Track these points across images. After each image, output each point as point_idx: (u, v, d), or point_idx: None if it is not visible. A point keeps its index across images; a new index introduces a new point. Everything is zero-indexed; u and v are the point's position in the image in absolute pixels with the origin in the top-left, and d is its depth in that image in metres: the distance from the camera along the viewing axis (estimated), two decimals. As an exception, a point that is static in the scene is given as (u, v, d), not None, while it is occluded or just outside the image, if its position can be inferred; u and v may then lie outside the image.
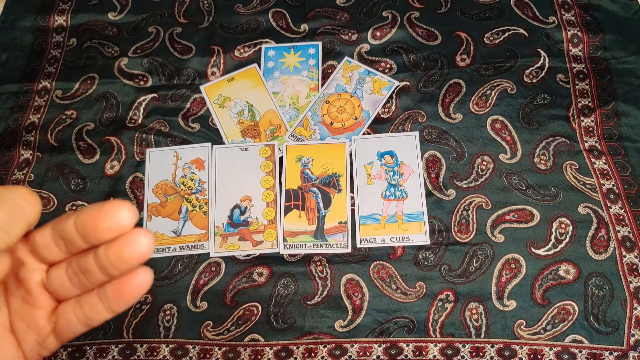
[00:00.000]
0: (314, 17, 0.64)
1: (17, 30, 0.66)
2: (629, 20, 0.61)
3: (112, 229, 0.22)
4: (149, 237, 0.22)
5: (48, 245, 0.23)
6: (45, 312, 0.24)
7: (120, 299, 0.23)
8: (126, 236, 0.22)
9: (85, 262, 0.23)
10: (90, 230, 0.22)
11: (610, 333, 0.46)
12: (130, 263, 0.22)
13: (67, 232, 0.22)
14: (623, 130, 0.55)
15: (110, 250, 0.22)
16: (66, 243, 0.23)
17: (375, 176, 0.54)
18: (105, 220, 0.21)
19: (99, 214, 0.21)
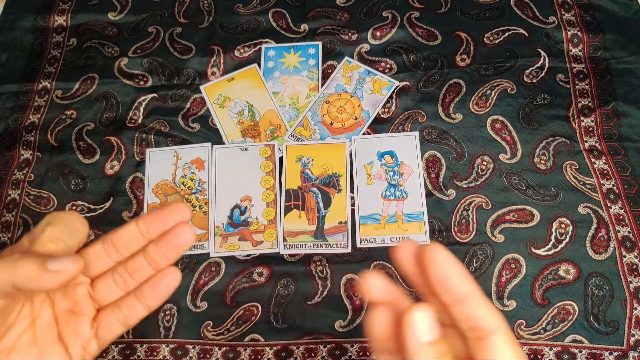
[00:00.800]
0: (314, 17, 0.64)
1: (17, 30, 0.66)
2: (629, 20, 0.61)
3: (177, 220, 0.27)
4: (191, 229, 0.28)
5: (100, 256, 0.28)
6: (89, 318, 0.28)
7: (157, 294, 0.28)
8: (176, 228, 0.27)
9: (134, 262, 0.28)
10: (158, 224, 0.27)
11: (610, 333, 0.46)
12: (180, 250, 0.28)
13: (125, 236, 0.28)
14: (623, 130, 0.55)
15: (162, 243, 0.27)
16: (119, 249, 0.28)
17: (375, 176, 0.54)
18: (173, 215, 0.27)
19: (169, 211, 0.27)
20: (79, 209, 0.54)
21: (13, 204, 0.55)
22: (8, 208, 0.55)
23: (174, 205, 0.28)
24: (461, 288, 0.23)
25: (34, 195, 0.55)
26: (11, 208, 0.55)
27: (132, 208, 0.54)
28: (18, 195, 0.55)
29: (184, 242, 0.28)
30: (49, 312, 0.27)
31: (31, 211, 0.54)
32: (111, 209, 0.54)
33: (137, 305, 0.28)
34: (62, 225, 0.26)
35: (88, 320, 0.28)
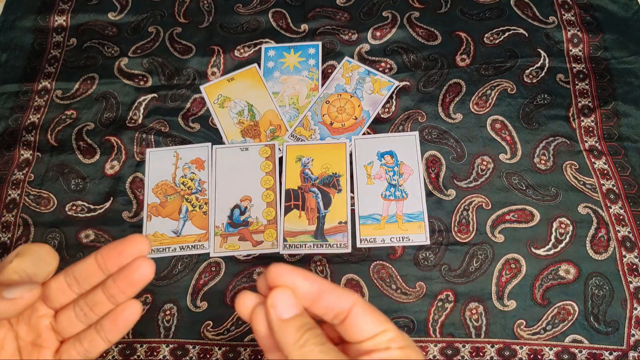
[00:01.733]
0: (314, 17, 0.64)
1: (17, 30, 0.66)
2: (629, 20, 0.61)
3: (134, 255, 0.27)
4: (149, 263, 0.27)
5: (62, 289, 0.28)
6: (52, 351, 0.28)
7: (116, 329, 0.28)
8: (133, 263, 0.27)
9: (93, 296, 0.28)
10: (114, 259, 0.27)
11: (610, 333, 0.46)
12: (137, 286, 0.28)
13: (85, 270, 0.28)
14: (623, 130, 0.55)
15: (119, 278, 0.27)
16: (80, 282, 0.28)
17: (375, 176, 0.54)
18: (130, 249, 0.27)
19: (125, 244, 0.27)
20: (79, 209, 0.54)
21: (13, 204, 0.55)
22: (8, 208, 0.55)
23: (131, 238, 0.27)
24: (310, 288, 0.25)
25: (34, 195, 0.55)
26: (11, 208, 0.55)
27: (132, 208, 0.54)
28: (18, 195, 0.55)
29: (140, 278, 0.27)
30: (13, 344, 0.27)
31: (31, 211, 0.54)
32: (111, 209, 0.54)
33: (97, 338, 0.28)
34: (30, 257, 0.27)
35: (50, 353, 0.28)
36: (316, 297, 0.25)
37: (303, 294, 0.25)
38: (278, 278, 0.25)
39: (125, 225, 0.53)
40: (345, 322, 0.25)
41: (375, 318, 0.25)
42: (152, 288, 0.51)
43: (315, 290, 0.25)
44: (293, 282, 0.25)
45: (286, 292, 0.25)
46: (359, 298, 0.25)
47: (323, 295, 0.25)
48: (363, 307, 0.25)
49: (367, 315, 0.24)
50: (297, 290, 0.25)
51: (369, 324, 0.24)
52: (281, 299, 0.24)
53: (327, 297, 0.25)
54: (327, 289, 0.25)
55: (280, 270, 0.25)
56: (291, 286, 0.25)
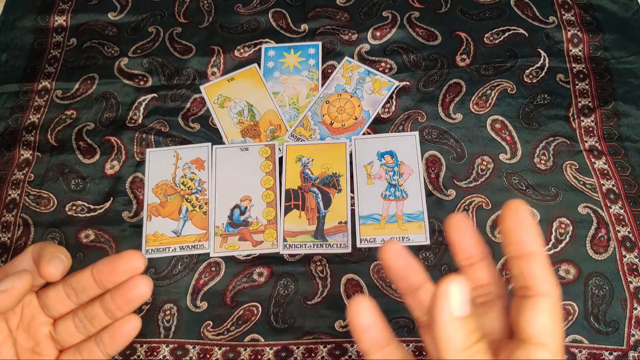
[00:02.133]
0: (314, 17, 0.64)
1: (17, 30, 0.66)
2: (629, 20, 0.61)
3: (127, 272, 0.27)
4: (148, 282, 0.28)
5: (60, 298, 0.28)
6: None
7: (115, 343, 0.28)
8: (130, 281, 0.27)
9: (92, 309, 0.28)
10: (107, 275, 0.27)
11: (610, 333, 0.46)
12: (133, 304, 0.28)
13: (82, 282, 0.27)
14: (623, 130, 0.55)
15: (117, 295, 0.27)
16: (78, 293, 0.28)
17: (375, 176, 0.54)
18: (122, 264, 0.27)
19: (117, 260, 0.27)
20: (79, 209, 0.54)
21: (13, 204, 0.55)
22: (8, 208, 0.55)
23: (126, 254, 0.27)
24: (532, 244, 0.23)
25: (34, 195, 0.55)
26: (11, 208, 0.55)
27: (132, 208, 0.54)
28: (18, 195, 0.55)
29: (137, 297, 0.27)
30: (11, 350, 0.27)
31: (31, 211, 0.54)
32: (111, 209, 0.54)
33: (97, 350, 0.28)
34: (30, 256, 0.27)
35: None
36: (526, 256, 0.22)
37: (527, 242, 0.22)
38: (512, 213, 0.22)
39: (125, 225, 0.53)
40: (525, 301, 0.22)
41: (555, 327, 0.22)
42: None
43: (531, 250, 0.22)
44: (523, 224, 0.22)
45: (464, 284, 0.21)
46: (558, 297, 0.22)
47: (534, 260, 0.22)
48: (553, 306, 0.22)
49: (547, 315, 0.22)
50: (520, 235, 0.22)
51: (547, 324, 0.22)
52: (457, 291, 0.21)
53: (536, 266, 0.22)
54: (542, 259, 0.22)
55: (520, 209, 0.22)
56: (517, 228, 0.22)
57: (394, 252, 0.25)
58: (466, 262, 0.25)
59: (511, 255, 0.23)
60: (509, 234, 0.23)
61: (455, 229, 0.25)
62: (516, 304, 0.23)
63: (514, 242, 0.23)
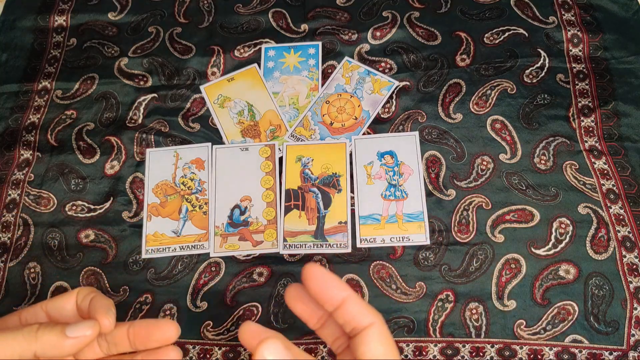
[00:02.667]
0: (314, 17, 0.64)
1: (17, 30, 0.66)
2: (629, 20, 0.61)
3: (161, 341, 0.28)
4: (178, 354, 0.29)
5: (92, 347, 0.28)
6: None
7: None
8: (163, 350, 0.28)
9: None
10: (142, 338, 0.28)
11: (610, 333, 0.46)
12: (156, 343, 0.28)
13: (117, 337, 0.28)
14: (623, 130, 0.55)
15: (144, 328, 0.28)
16: (110, 345, 0.29)
17: (375, 176, 0.54)
18: (157, 333, 0.28)
19: (154, 327, 0.28)
20: (79, 209, 0.54)
21: (13, 204, 0.55)
22: (8, 208, 0.55)
23: (163, 323, 0.28)
24: (337, 294, 0.25)
25: (34, 195, 0.55)
26: (11, 208, 0.55)
27: (132, 208, 0.54)
28: (18, 195, 0.55)
29: (163, 339, 0.28)
30: None
31: (31, 211, 0.54)
32: (111, 209, 0.54)
33: None
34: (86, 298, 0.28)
35: None
36: (340, 306, 0.25)
37: (331, 297, 0.25)
38: (309, 279, 0.25)
39: (125, 225, 0.53)
40: (356, 338, 0.25)
41: (386, 348, 0.24)
42: (152, 288, 0.51)
43: (340, 298, 0.25)
44: (323, 284, 0.25)
45: (275, 345, 0.23)
46: (382, 322, 0.25)
47: (347, 304, 0.25)
48: (380, 332, 0.25)
49: (377, 343, 0.24)
50: (325, 293, 0.25)
51: (378, 349, 0.24)
52: (271, 352, 0.23)
53: (351, 307, 0.25)
54: (353, 299, 0.25)
55: (315, 271, 0.25)
56: (320, 289, 0.25)
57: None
58: (318, 325, 0.28)
59: (330, 310, 0.25)
60: (318, 296, 0.25)
61: (295, 301, 0.28)
62: (353, 344, 0.25)
63: (325, 300, 0.25)
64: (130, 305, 0.50)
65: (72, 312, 0.30)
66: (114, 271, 0.51)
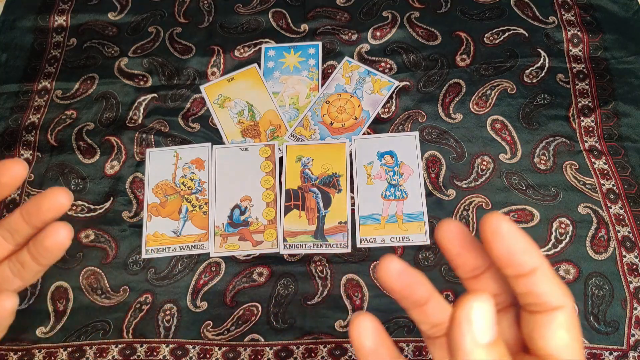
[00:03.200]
0: (314, 17, 0.64)
1: (17, 30, 0.66)
2: (629, 20, 0.61)
3: (52, 210, 0.27)
4: (67, 229, 0.27)
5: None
6: None
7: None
8: (48, 229, 0.27)
9: (22, 255, 0.28)
10: (35, 213, 0.27)
11: (610, 333, 0.46)
12: (52, 252, 0.27)
13: (13, 223, 0.27)
14: (623, 130, 0.55)
15: (36, 243, 0.27)
16: (13, 235, 0.28)
17: (375, 176, 0.54)
18: (46, 202, 0.27)
19: (41, 198, 0.27)
20: (79, 209, 0.54)
21: (13, 204, 0.55)
22: (8, 208, 0.55)
23: (51, 190, 0.26)
24: (529, 262, 0.20)
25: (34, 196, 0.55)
26: (11, 208, 0.55)
27: (132, 208, 0.54)
28: (18, 195, 0.55)
29: (55, 244, 0.27)
30: None
31: (31, 211, 0.54)
32: (111, 209, 0.54)
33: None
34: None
35: None
36: (527, 274, 0.20)
37: (522, 263, 0.19)
38: (495, 237, 0.19)
39: (125, 225, 0.53)
40: (538, 317, 0.20)
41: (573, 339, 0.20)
42: (152, 288, 0.51)
43: (530, 267, 0.20)
44: (512, 247, 0.19)
45: (488, 304, 0.18)
46: (573, 306, 0.20)
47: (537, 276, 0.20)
48: (568, 320, 0.20)
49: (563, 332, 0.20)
50: (514, 259, 0.19)
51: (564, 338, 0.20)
52: (481, 313, 0.17)
53: (541, 281, 0.20)
54: (545, 272, 0.20)
55: (503, 228, 0.19)
56: (508, 253, 0.19)
57: (394, 271, 0.22)
58: (469, 275, 0.23)
59: (510, 274, 0.20)
60: (499, 258, 0.20)
61: (450, 240, 0.22)
62: (527, 319, 0.21)
63: (509, 264, 0.20)
64: (130, 305, 0.50)
65: None
66: (114, 271, 0.51)
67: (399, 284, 0.21)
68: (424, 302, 0.22)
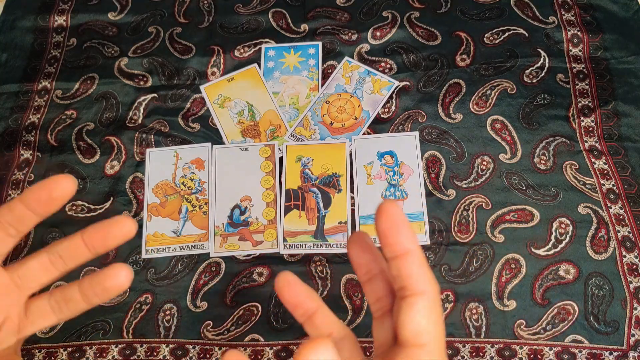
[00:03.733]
0: (314, 17, 0.64)
1: (17, 30, 0.66)
2: (629, 20, 0.61)
3: (119, 237, 0.26)
4: (129, 273, 0.27)
5: (45, 267, 0.27)
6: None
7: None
8: (109, 269, 0.26)
9: (69, 291, 0.27)
10: (100, 239, 0.26)
11: (610, 333, 0.46)
12: (110, 293, 0.27)
13: (72, 248, 0.27)
14: (623, 130, 0.55)
15: (95, 281, 0.27)
16: (66, 260, 0.27)
17: (375, 176, 0.54)
18: (114, 229, 0.26)
19: (109, 226, 0.26)
20: (79, 209, 0.54)
21: (13, 204, 0.55)
22: (8, 208, 0.54)
23: (117, 220, 0.26)
24: (405, 242, 0.22)
25: (34, 195, 0.55)
26: (11, 208, 0.54)
27: (132, 208, 0.54)
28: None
29: (115, 286, 0.26)
30: None
31: (31, 211, 0.54)
32: (111, 209, 0.54)
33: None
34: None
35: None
36: (400, 256, 0.22)
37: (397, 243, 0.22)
38: (381, 215, 0.22)
39: (125, 225, 0.53)
40: (401, 302, 0.22)
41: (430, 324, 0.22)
42: (152, 288, 0.51)
43: (404, 249, 0.22)
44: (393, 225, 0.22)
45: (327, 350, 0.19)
46: (437, 294, 0.22)
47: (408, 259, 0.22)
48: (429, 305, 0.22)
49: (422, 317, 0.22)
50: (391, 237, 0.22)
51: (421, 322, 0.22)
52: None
53: (410, 264, 0.22)
54: (417, 257, 0.22)
55: (390, 209, 0.22)
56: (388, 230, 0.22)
57: (285, 282, 0.26)
58: (365, 277, 0.27)
59: (388, 256, 0.23)
60: (383, 236, 0.22)
61: (355, 245, 0.27)
62: (396, 306, 0.23)
63: (389, 243, 0.22)
64: (130, 305, 0.50)
65: None
66: (114, 271, 0.51)
67: (290, 296, 0.26)
68: (311, 313, 0.26)
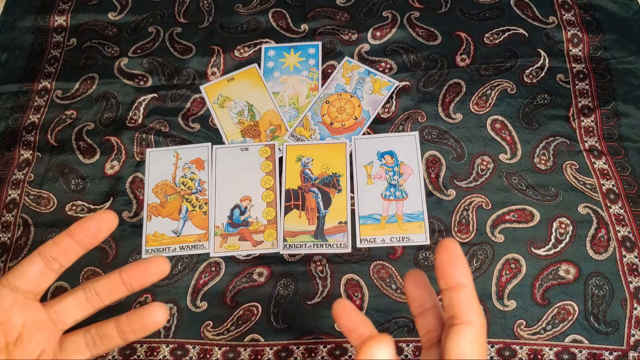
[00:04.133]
0: (314, 17, 0.64)
1: (17, 30, 0.66)
2: (629, 20, 0.61)
3: (156, 275, 0.29)
4: (165, 311, 0.29)
5: (81, 304, 0.29)
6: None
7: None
8: (147, 308, 0.28)
9: (106, 327, 0.29)
10: (139, 277, 0.29)
11: (610, 333, 0.46)
12: (147, 330, 0.29)
13: (109, 285, 0.29)
14: (623, 130, 0.55)
15: (133, 318, 0.28)
16: (101, 297, 0.29)
17: (375, 176, 0.54)
18: (152, 267, 0.29)
19: (146, 265, 0.29)
20: (79, 209, 0.54)
21: (13, 204, 0.55)
22: (8, 208, 0.55)
23: (153, 260, 0.29)
24: (460, 276, 0.25)
25: (34, 195, 0.55)
26: (11, 208, 0.55)
27: (132, 208, 0.54)
28: (18, 195, 0.55)
29: (153, 323, 0.28)
30: None
31: (31, 211, 0.54)
32: (111, 209, 0.54)
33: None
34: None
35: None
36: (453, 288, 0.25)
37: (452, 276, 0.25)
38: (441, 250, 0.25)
39: (125, 225, 0.53)
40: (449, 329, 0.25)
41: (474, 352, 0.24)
42: (152, 288, 0.51)
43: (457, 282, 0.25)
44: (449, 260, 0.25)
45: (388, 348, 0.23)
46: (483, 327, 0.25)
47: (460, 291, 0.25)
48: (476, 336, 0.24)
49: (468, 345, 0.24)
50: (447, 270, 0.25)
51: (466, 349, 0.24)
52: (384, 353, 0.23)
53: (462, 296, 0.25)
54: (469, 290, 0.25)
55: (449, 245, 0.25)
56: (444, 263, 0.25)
57: (343, 307, 0.28)
58: (418, 311, 0.29)
59: (443, 287, 0.25)
60: (440, 269, 0.25)
61: (411, 281, 0.29)
62: (445, 334, 0.25)
63: (445, 275, 0.25)
64: (130, 306, 0.50)
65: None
66: (114, 271, 0.51)
67: (347, 320, 0.27)
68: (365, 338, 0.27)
